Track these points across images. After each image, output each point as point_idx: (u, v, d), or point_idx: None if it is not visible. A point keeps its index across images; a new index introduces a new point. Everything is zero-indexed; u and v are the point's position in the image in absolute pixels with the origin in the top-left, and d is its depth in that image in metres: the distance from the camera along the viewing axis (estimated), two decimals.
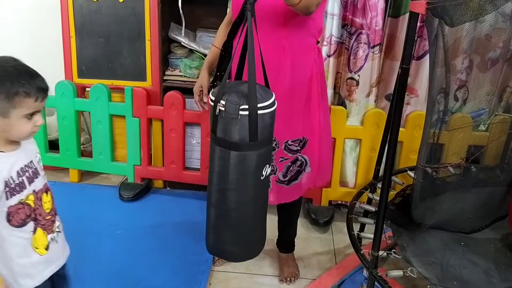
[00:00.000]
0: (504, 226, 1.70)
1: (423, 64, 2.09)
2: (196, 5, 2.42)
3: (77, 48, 2.36)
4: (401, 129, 2.02)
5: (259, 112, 1.23)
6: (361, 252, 1.65)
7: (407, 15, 1.60)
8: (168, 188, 2.56)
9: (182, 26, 2.34)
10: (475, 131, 1.85)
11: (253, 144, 1.25)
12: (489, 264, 1.55)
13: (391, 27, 2.10)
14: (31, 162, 1.21)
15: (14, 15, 2.64)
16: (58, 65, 2.42)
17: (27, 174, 1.18)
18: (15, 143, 1.17)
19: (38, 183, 1.22)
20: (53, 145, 2.58)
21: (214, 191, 1.35)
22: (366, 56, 2.09)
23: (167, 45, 2.39)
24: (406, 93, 2.13)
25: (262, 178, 1.32)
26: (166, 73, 2.38)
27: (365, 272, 1.85)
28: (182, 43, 2.35)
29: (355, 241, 1.71)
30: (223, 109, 1.23)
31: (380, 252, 1.54)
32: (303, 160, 1.66)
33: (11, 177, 1.14)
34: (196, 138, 2.44)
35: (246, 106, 1.21)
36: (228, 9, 1.71)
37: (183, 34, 2.34)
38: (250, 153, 1.26)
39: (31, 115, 1.12)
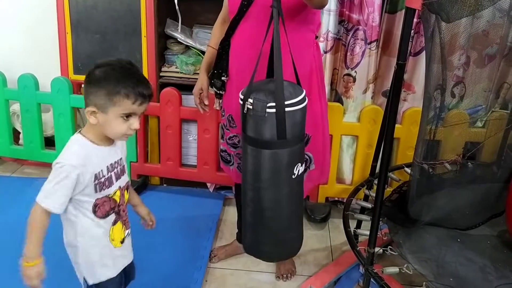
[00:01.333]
0: (500, 223, 1.70)
1: (420, 60, 2.08)
2: (193, 1, 2.40)
3: (73, 44, 2.35)
4: (397, 125, 2.02)
5: (288, 109, 1.21)
6: (357, 249, 1.66)
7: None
8: (164, 185, 2.55)
9: (178, 22, 2.32)
10: (471, 128, 1.84)
11: (283, 142, 1.24)
12: (485, 260, 1.55)
13: (388, 23, 2.09)
14: (120, 159, 1.27)
15: (11, 12, 2.63)
16: (54, 61, 2.41)
17: (115, 170, 1.24)
18: (110, 140, 1.22)
19: (123, 180, 1.28)
20: (49, 142, 2.56)
21: (248, 190, 1.35)
22: (363, 52, 2.09)
23: (163, 42, 2.37)
24: (403, 90, 2.14)
25: (293, 176, 1.30)
26: (163, 69, 2.36)
27: (361, 269, 1.85)
28: (178, 40, 2.34)
29: (351, 238, 1.71)
30: (250, 107, 1.23)
31: (376, 249, 1.54)
32: (307, 157, 1.65)
33: (101, 171, 1.19)
34: (192, 135, 2.43)
35: (273, 104, 1.20)
36: (223, 7, 1.70)
37: (179, 30, 2.33)
38: (282, 151, 1.25)
39: (127, 116, 1.16)
